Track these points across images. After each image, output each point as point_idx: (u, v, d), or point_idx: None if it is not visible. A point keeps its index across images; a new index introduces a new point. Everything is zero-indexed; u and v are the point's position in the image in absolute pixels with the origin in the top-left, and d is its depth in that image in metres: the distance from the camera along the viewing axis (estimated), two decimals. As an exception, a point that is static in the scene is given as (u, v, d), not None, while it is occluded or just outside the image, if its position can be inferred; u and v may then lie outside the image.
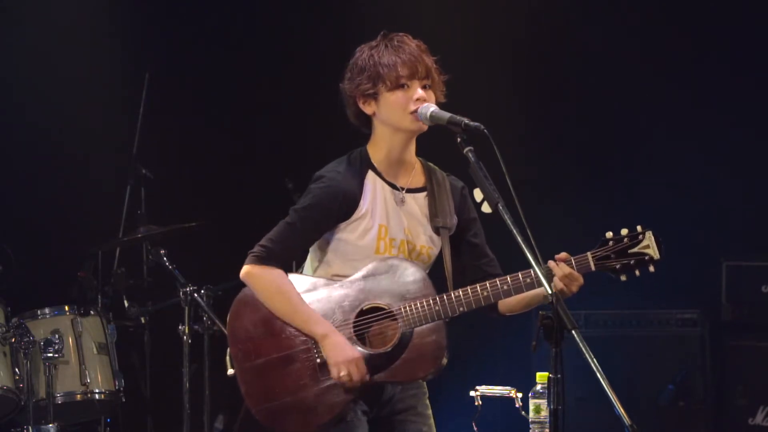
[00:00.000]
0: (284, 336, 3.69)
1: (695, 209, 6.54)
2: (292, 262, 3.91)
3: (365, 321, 3.66)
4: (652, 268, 3.57)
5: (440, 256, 3.81)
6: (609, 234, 3.59)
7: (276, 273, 3.69)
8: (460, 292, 3.62)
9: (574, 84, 6.91)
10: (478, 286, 3.62)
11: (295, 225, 3.70)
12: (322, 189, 3.70)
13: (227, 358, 3.78)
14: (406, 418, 3.80)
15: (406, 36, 3.75)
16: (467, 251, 3.84)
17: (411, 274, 3.66)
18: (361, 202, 3.71)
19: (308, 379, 3.65)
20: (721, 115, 6.67)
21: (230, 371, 3.76)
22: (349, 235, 3.72)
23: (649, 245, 3.57)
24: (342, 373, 3.59)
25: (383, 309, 3.65)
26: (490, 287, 3.61)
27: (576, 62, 6.92)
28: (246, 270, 3.72)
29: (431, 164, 3.87)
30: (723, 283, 6.42)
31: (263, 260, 3.69)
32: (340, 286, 3.70)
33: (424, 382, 3.85)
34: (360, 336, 3.67)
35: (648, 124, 6.82)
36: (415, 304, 3.62)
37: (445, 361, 3.64)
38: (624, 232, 3.58)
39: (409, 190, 3.78)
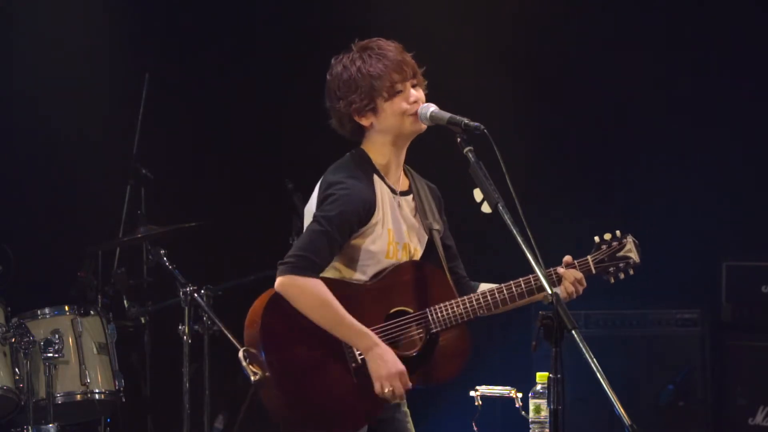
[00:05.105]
0: (318, 341, 3.60)
1: (695, 209, 6.54)
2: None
3: (394, 325, 3.66)
4: (631, 272, 3.74)
5: (437, 258, 3.81)
6: (597, 238, 3.75)
7: (317, 284, 3.58)
8: (480, 296, 3.68)
9: (575, 86, 6.90)
10: (495, 289, 3.69)
11: (330, 233, 3.59)
12: (349, 195, 3.62)
13: (244, 364, 3.63)
14: (393, 416, 3.81)
15: (380, 40, 3.73)
16: (444, 254, 3.84)
17: (433, 277, 3.70)
18: (377, 207, 3.69)
19: (345, 384, 3.61)
20: (720, 115, 6.68)
21: (253, 378, 3.63)
22: (362, 240, 3.67)
23: (631, 249, 3.73)
24: (386, 390, 3.58)
25: (409, 312, 3.67)
26: (506, 290, 3.69)
27: (576, 64, 6.91)
28: (284, 281, 3.58)
29: (408, 167, 3.86)
30: (723, 283, 6.42)
31: (301, 270, 3.56)
32: (366, 289, 3.67)
33: None
34: (389, 340, 3.65)
35: (648, 124, 6.82)
36: (440, 308, 3.66)
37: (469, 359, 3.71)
38: (607, 236, 3.76)
39: (402, 193, 3.79)
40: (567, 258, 3.71)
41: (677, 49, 6.75)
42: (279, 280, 3.59)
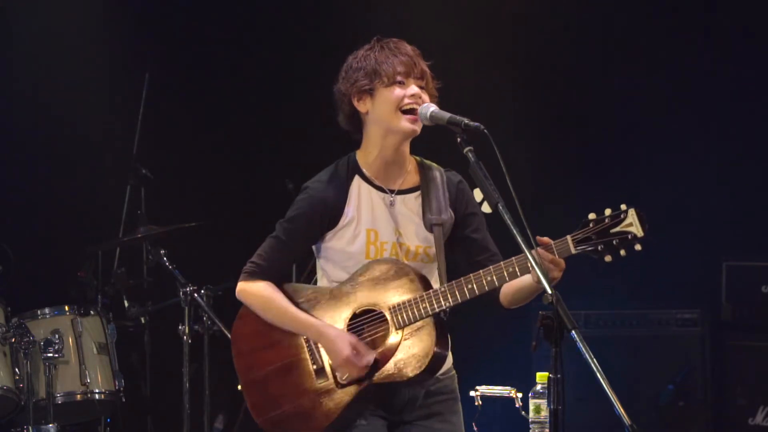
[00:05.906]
0: (282, 346, 3.74)
1: (695, 209, 6.54)
2: (288, 273, 3.95)
3: (358, 324, 3.67)
4: (638, 247, 3.41)
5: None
6: (592, 215, 3.47)
7: (261, 285, 3.75)
8: (446, 287, 3.59)
9: (574, 86, 6.90)
10: (462, 278, 3.58)
11: (280, 238, 3.76)
12: (304, 200, 3.74)
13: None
14: (432, 425, 3.76)
15: (401, 41, 3.77)
16: (467, 247, 3.79)
17: (399, 274, 3.65)
18: (346, 209, 3.71)
19: (307, 386, 3.69)
20: (720, 115, 6.68)
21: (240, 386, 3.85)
22: (337, 242, 3.73)
23: (632, 223, 3.42)
24: (344, 377, 3.64)
25: (374, 311, 3.66)
26: (474, 279, 3.56)
27: (575, 64, 6.91)
28: (238, 288, 3.79)
29: (428, 162, 3.85)
30: (723, 283, 6.42)
31: (252, 276, 3.76)
32: (332, 291, 3.72)
33: (455, 387, 3.83)
34: None
35: (648, 124, 6.82)
36: (403, 304, 3.61)
37: (441, 357, 3.61)
38: (608, 212, 3.44)
39: (400, 192, 3.77)
40: (543, 239, 3.48)
41: (677, 49, 6.75)
42: (236, 288, 3.80)
